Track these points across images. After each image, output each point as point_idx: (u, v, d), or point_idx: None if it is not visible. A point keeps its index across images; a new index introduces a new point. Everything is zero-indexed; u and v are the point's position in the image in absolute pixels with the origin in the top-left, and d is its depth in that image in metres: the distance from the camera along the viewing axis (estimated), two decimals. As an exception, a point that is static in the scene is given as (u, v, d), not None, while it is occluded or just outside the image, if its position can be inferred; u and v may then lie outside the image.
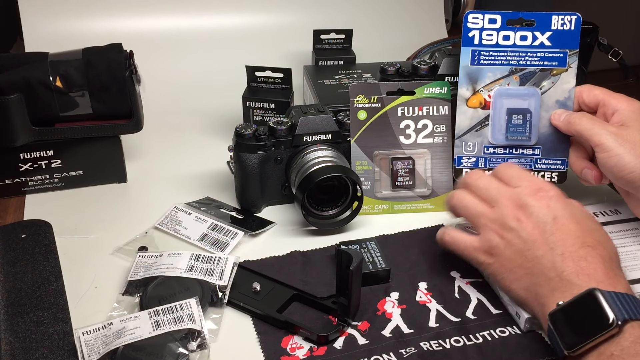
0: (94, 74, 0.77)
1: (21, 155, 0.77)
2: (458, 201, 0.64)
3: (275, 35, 1.15)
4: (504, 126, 0.73)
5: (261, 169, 0.74)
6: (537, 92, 0.73)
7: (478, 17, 0.72)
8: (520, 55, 0.72)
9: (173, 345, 0.55)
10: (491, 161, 0.74)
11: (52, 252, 0.69)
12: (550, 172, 0.74)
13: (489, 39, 0.72)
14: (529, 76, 0.73)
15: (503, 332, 0.60)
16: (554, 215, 0.58)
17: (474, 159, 0.74)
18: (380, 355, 0.57)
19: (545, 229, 0.58)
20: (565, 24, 0.72)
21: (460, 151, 0.75)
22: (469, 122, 0.74)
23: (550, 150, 0.74)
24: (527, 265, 0.58)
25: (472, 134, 0.74)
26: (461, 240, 0.63)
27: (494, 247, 0.60)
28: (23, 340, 0.58)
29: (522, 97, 0.73)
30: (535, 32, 0.72)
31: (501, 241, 0.60)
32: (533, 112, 0.73)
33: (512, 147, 0.74)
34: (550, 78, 0.72)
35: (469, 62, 0.73)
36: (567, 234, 0.58)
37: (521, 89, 0.73)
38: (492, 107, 0.73)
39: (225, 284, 0.63)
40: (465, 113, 0.74)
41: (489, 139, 0.74)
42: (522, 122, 0.72)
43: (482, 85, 0.73)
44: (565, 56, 0.72)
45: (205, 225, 0.73)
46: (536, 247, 0.58)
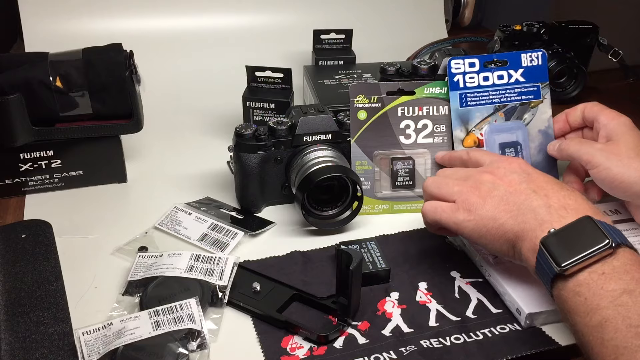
0: (94, 74, 0.77)
1: (21, 155, 0.77)
2: (432, 186, 0.65)
3: (275, 35, 1.15)
4: None
5: (261, 169, 0.74)
6: (523, 125, 0.77)
7: (459, 62, 0.76)
8: (500, 93, 0.77)
9: (173, 345, 0.55)
10: None
11: (52, 252, 0.69)
12: None
13: (471, 82, 0.76)
14: (511, 111, 0.77)
15: (503, 328, 0.60)
16: (527, 172, 0.61)
17: None
18: (380, 354, 0.57)
19: (522, 180, 0.60)
20: (534, 60, 0.77)
21: None
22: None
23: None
24: (511, 209, 0.59)
25: None
26: (440, 206, 0.64)
27: (473, 203, 0.61)
28: (23, 340, 0.58)
29: (510, 131, 0.77)
30: (510, 71, 0.77)
31: (479, 198, 0.61)
32: (522, 143, 0.77)
33: None
34: (530, 110, 0.78)
35: (459, 105, 0.76)
36: (544, 182, 0.60)
37: (508, 124, 0.77)
38: (486, 144, 0.77)
39: (225, 284, 0.63)
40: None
41: None
42: (515, 154, 0.76)
43: (473, 125, 0.77)
44: (538, 89, 0.77)
45: (205, 225, 0.73)
46: (517, 194, 0.59)
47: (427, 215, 0.65)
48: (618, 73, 1.12)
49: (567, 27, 1.07)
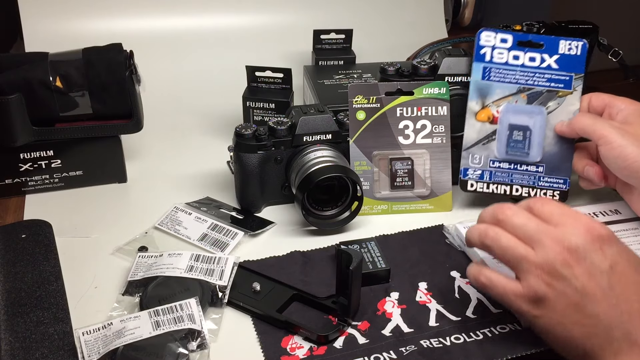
0: (94, 74, 0.77)
1: (21, 155, 0.77)
2: (493, 241, 0.56)
3: (275, 35, 1.15)
4: (506, 141, 0.75)
5: (261, 169, 0.74)
6: (543, 111, 0.74)
7: (490, 35, 0.75)
8: (528, 75, 0.75)
9: (173, 345, 0.55)
10: (496, 175, 0.75)
11: (52, 252, 0.69)
12: (552, 191, 0.75)
13: (500, 57, 0.75)
14: (536, 96, 0.75)
15: (503, 328, 0.60)
16: (610, 263, 0.52)
17: (479, 172, 0.75)
18: (380, 353, 0.57)
19: (603, 279, 0.51)
20: (572, 49, 0.74)
21: (467, 163, 0.75)
22: (476, 135, 0.75)
23: (553, 168, 0.75)
24: (585, 322, 0.52)
25: (479, 146, 0.75)
26: (500, 283, 0.56)
27: (542, 297, 0.53)
28: (23, 340, 0.58)
29: (528, 114, 0.74)
30: (544, 55, 0.74)
31: (550, 291, 0.52)
32: (535, 129, 0.74)
33: (515, 162, 0.75)
34: (556, 99, 0.74)
35: (480, 77, 0.75)
36: (628, 286, 0.52)
37: (528, 107, 0.75)
38: (499, 122, 0.75)
39: (225, 284, 0.63)
40: (474, 126, 0.75)
41: (495, 153, 0.75)
42: (522, 139, 0.74)
43: (491, 101, 0.75)
44: (571, 79, 0.74)
45: (205, 225, 0.73)
46: (595, 301, 0.51)
47: (479, 286, 0.58)
48: (618, 73, 1.12)
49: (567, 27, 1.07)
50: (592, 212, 0.75)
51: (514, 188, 0.75)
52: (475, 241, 0.58)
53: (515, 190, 0.75)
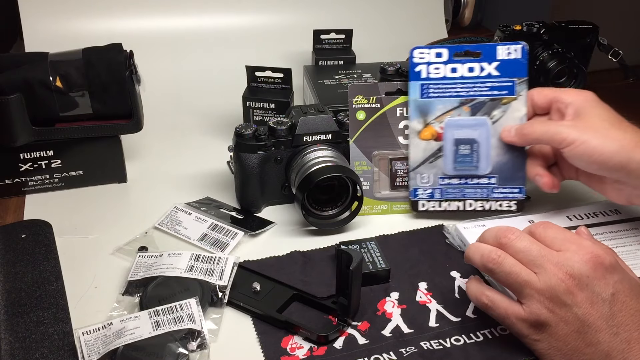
0: (94, 74, 0.77)
1: (21, 155, 0.77)
2: (496, 265, 0.55)
3: (275, 35, 1.15)
4: (453, 157, 0.73)
5: (261, 169, 0.74)
6: (487, 122, 0.72)
7: (424, 51, 0.72)
8: (469, 86, 0.72)
9: (173, 345, 0.55)
10: (447, 192, 0.74)
11: (52, 252, 0.69)
12: (509, 201, 0.74)
13: (436, 72, 0.72)
14: (479, 106, 0.72)
15: (504, 330, 0.60)
16: (612, 291, 0.52)
17: (429, 191, 0.74)
18: (380, 354, 0.57)
19: (604, 308, 0.52)
20: (512, 53, 0.72)
21: (416, 183, 0.74)
22: (422, 154, 0.74)
23: (507, 179, 0.73)
24: (585, 350, 0.52)
25: (426, 165, 0.74)
26: (502, 305, 0.56)
27: (543, 322, 0.53)
28: (23, 340, 0.58)
29: (472, 127, 0.72)
30: (482, 63, 0.72)
31: (552, 317, 0.53)
32: (481, 141, 0.72)
33: (466, 177, 0.73)
34: (500, 107, 0.72)
35: (419, 95, 0.73)
36: (628, 314, 0.52)
37: (471, 119, 0.72)
38: (444, 139, 0.73)
39: (225, 284, 0.62)
40: (418, 145, 0.73)
41: (443, 170, 0.74)
42: (469, 152, 0.72)
43: (432, 118, 0.73)
44: (513, 85, 0.72)
45: (205, 225, 0.73)
46: (595, 329, 0.52)
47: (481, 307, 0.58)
48: (618, 73, 1.12)
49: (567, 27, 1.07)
50: (592, 212, 0.75)
51: (467, 203, 0.74)
52: (477, 263, 0.57)
53: (469, 205, 0.74)
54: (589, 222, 0.73)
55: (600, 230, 0.72)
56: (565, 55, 1.04)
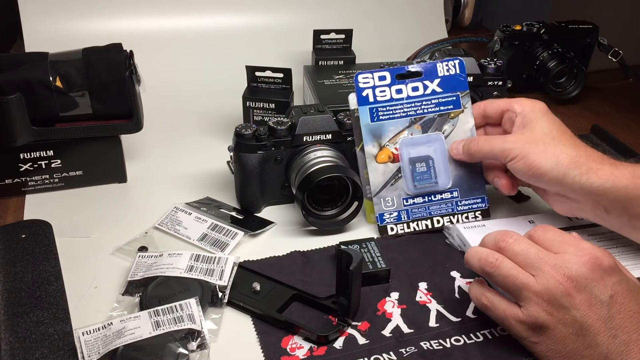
0: (94, 74, 0.77)
1: (21, 155, 0.77)
2: (494, 268, 0.56)
3: (275, 35, 1.15)
4: (411, 176, 0.73)
5: (261, 169, 0.74)
6: (440, 137, 0.73)
7: (367, 76, 0.72)
8: (416, 105, 0.73)
9: (173, 345, 0.55)
10: (413, 212, 0.73)
11: (52, 252, 0.69)
12: (474, 212, 0.74)
13: (383, 95, 0.72)
14: (429, 123, 0.73)
15: (504, 330, 0.60)
16: (610, 293, 0.52)
17: (395, 214, 0.73)
18: (380, 354, 0.57)
19: (603, 310, 0.52)
20: (450, 69, 0.73)
21: (381, 208, 0.73)
22: (382, 177, 0.73)
23: (468, 190, 0.74)
24: (585, 353, 0.52)
25: (388, 189, 0.73)
26: (500, 307, 0.56)
27: (541, 325, 0.53)
28: (23, 340, 0.58)
29: (426, 144, 0.73)
30: (425, 82, 0.73)
31: (550, 319, 0.53)
32: (437, 157, 0.73)
33: (428, 194, 0.73)
34: (449, 121, 0.73)
35: (369, 119, 0.72)
36: (627, 316, 0.52)
37: (423, 137, 0.73)
38: (400, 159, 0.73)
39: (225, 284, 0.62)
40: (377, 170, 0.73)
41: (405, 191, 0.73)
42: (426, 169, 0.73)
43: (387, 140, 0.73)
44: (458, 98, 0.73)
45: (205, 225, 0.73)
46: (594, 331, 0.52)
47: (481, 307, 0.59)
48: (618, 73, 1.12)
49: (567, 27, 1.08)
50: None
51: (434, 220, 0.73)
52: (475, 266, 0.57)
53: (437, 222, 0.73)
54: (589, 222, 0.73)
55: (600, 230, 0.72)
56: (565, 55, 1.04)
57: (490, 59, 0.84)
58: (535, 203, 0.78)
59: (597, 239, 0.71)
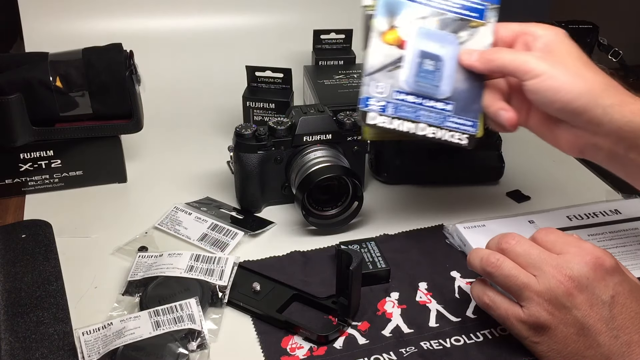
0: (94, 74, 0.77)
1: (21, 155, 0.77)
2: (495, 268, 0.55)
3: (275, 35, 1.15)
4: (416, 70, 0.64)
5: (261, 169, 0.74)
6: (456, 40, 0.65)
7: None
8: None
9: (173, 345, 0.55)
10: (400, 109, 0.63)
11: (52, 252, 0.69)
12: (460, 133, 0.64)
13: None
14: (447, 23, 0.65)
15: (504, 330, 0.60)
16: (612, 293, 0.52)
17: (382, 103, 0.63)
18: (380, 354, 0.57)
19: (604, 310, 0.51)
20: None
21: (369, 91, 0.63)
22: (382, 59, 0.64)
23: (462, 108, 0.64)
24: (586, 353, 0.52)
25: (384, 73, 0.64)
26: (502, 306, 0.56)
27: (543, 325, 0.53)
28: (23, 340, 0.58)
29: (441, 42, 0.65)
30: None
31: (551, 319, 0.53)
32: (447, 61, 0.64)
33: (423, 96, 0.64)
34: (468, 29, 0.65)
35: None
36: (629, 316, 0.52)
37: (441, 34, 0.65)
38: (409, 48, 0.64)
39: (225, 284, 0.62)
40: (379, 48, 0.64)
41: (400, 83, 0.64)
42: (433, 69, 0.64)
43: (400, 21, 0.65)
44: (484, 10, 0.66)
45: (205, 225, 0.73)
46: (595, 332, 0.51)
47: (482, 306, 0.58)
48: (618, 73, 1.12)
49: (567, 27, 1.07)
50: (592, 212, 0.75)
51: (419, 126, 0.63)
52: (477, 267, 0.57)
53: (421, 129, 0.64)
54: (589, 222, 0.73)
55: (600, 230, 0.72)
56: (565, 55, 1.04)
57: (491, 59, 0.84)
58: (536, 203, 0.78)
59: (597, 239, 0.71)
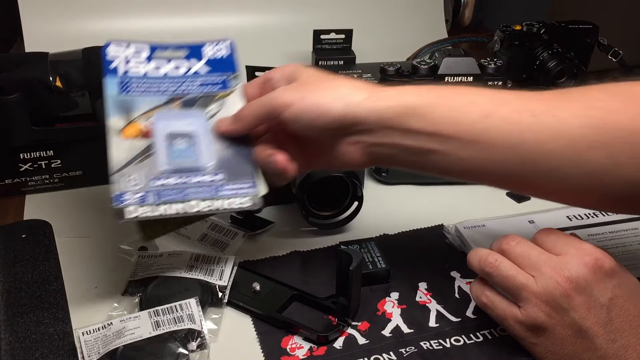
0: (94, 74, 0.77)
1: (21, 155, 0.77)
2: (493, 268, 0.55)
3: (275, 35, 1.15)
4: (168, 152, 0.61)
5: (261, 169, 0.74)
6: (203, 115, 0.63)
7: (120, 47, 0.66)
8: (177, 83, 0.65)
9: (173, 345, 0.55)
10: (163, 194, 0.58)
11: (52, 252, 0.69)
12: (241, 197, 0.59)
13: (137, 70, 0.65)
14: (191, 102, 0.64)
15: (504, 330, 0.60)
16: (610, 296, 0.52)
17: (141, 194, 0.58)
18: (380, 354, 0.57)
19: (602, 312, 0.51)
20: (219, 51, 0.67)
21: (121, 187, 0.59)
22: (127, 154, 0.60)
23: (234, 173, 0.60)
24: (583, 356, 0.52)
25: (134, 165, 0.60)
26: (500, 306, 0.56)
27: (540, 326, 0.53)
28: (23, 340, 0.58)
29: (187, 119, 0.63)
30: (190, 61, 0.66)
31: (549, 320, 0.52)
32: (200, 135, 0.62)
33: (187, 174, 0.60)
34: (216, 102, 0.64)
35: (117, 92, 0.63)
36: (626, 320, 0.51)
37: (184, 112, 0.63)
38: (155, 135, 0.61)
39: (225, 284, 0.62)
40: (121, 145, 0.61)
41: (156, 170, 0.60)
42: (187, 146, 0.61)
43: (138, 114, 0.62)
44: (225, 81, 0.66)
45: (205, 225, 0.73)
46: (592, 334, 0.51)
47: (481, 306, 0.58)
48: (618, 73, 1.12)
49: (567, 27, 1.07)
50: (592, 212, 0.75)
51: (190, 204, 0.58)
52: (476, 267, 0.57)
53: (194, 207, 0.58)
54: (589, 222, 0.73)
55: (600, 230, 0.72)
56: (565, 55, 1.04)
57: (490, 59, 0.84)
58: (536, 203, 0.78)
59: (597, 239, 0.71)
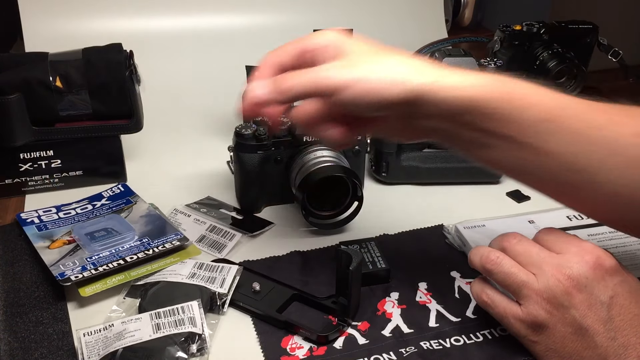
0: (94, 74, 0.77)
1: (21, 155, 0.77)
2: (495, 266, 0.55)
3: (275, 35, 1.14)
4: (92, 243, 0.68)
5: (261, 169, 0.74)
6: (117, 216, 0.73)
7: (31, 213, 0.74)
8: (87, 213, 0.74)
9: (172, 348, 0.55)
10: (100, 260, 0.65)
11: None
12: (170, 242, 0.68)
13: (49, 217, 0.74)
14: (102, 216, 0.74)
15: (504, 330, 0.60)
16: (611, 294, 0.51)
17: (79, 267, 0.64)
18: (380, 354, 0.57)
19: (602, 310, 0.51)
20: (115, 190, 0.79)
21: (63, 269, 0.64)
22: (57, 255, 0.66)
23: (159, 234, 0.69)
24: (584, 354, 0.51)
25: (67, 258, 0.66)
26: (501, 304, 0.56)
27: (541, 324, 0.53)
28: (22, 340, 0.58)
29: (99, 221, 0.72)
30: (94, 202, 0.76)
31: (549, 318, 0.52)
32: (116, 225, 0.71)
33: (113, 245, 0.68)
34: (125, 211, 0.74)
35: (37, 232, 0.70)
36: (627, 318, 0.51)
37: (97, 219, 0.73)
38: (78, 239, 0.69)
39: (226, 292, 0.62)
40: (51, 253, 0.67)
41: (86, 254, 0.66)
42: (106, 234, 0.70)
43: (60, 235, 0.70)
44: (128, 200, 0.76)
45: (203, 227, 0.73)
46: (592, 332, 0.51)
47: (481, 304, 0.58)
48: (618, 73, 1.12)
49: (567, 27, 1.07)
50: (592, 212, 0.75)
51: (127, 259, 0.65)
52: (477, 264, 0.57)
53: (130, 259, 0.65)
54: (589, 222, 0.73)
55: (600, 230, 0.72)
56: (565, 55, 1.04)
57: (490, 59, 0.84)
58: (536, 203, 0.78)
59: (597, 239, 0.71)
